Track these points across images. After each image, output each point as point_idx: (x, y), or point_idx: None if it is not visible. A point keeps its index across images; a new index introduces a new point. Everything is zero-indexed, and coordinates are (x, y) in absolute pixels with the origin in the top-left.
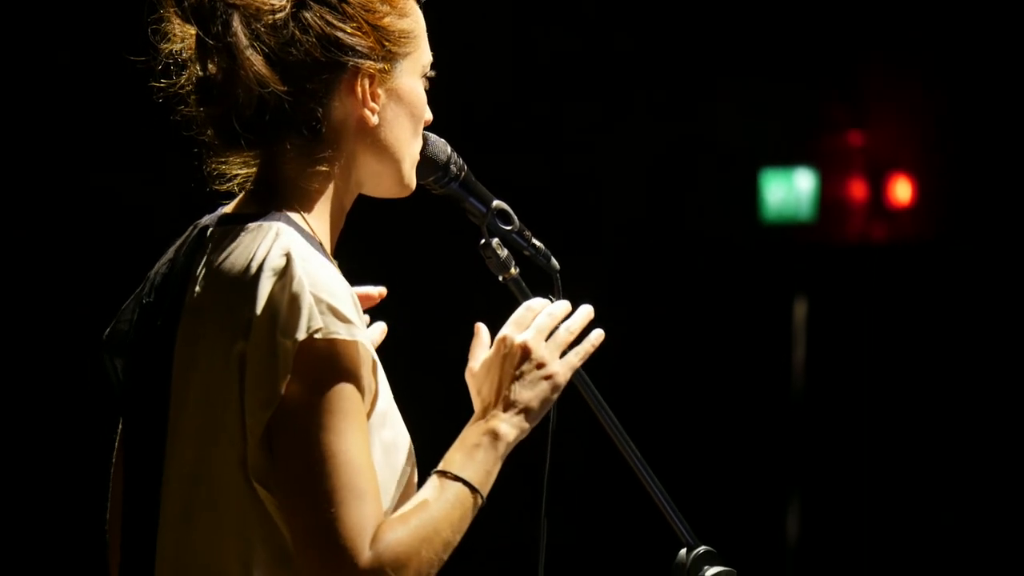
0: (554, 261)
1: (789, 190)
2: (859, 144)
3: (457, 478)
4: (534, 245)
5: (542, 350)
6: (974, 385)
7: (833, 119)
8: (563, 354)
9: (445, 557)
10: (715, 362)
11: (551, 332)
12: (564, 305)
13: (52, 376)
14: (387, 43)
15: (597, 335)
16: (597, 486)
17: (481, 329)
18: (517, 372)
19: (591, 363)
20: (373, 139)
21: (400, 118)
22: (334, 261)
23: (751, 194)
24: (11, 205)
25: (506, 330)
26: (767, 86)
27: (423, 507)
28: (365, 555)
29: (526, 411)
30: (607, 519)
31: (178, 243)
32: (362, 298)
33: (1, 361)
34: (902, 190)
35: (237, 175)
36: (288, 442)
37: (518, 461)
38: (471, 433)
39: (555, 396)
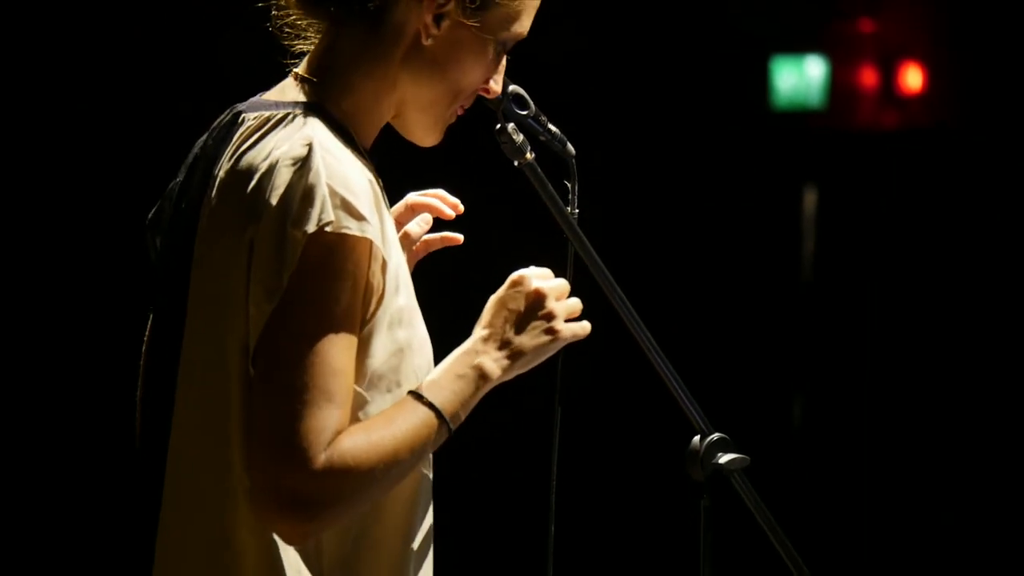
0: (570, 146)
1: (800, 77)
2: (870, 31)
3: (430, 404)
4: (550, 130)
5: (554, 303)
6: (985, 273)
7: (844, 6)
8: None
9: (394, 477)
10: (724, 251)
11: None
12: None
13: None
14: None
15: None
16: (612, 373)
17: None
18: (524, 314)
19: (603, 253)
20: (421, 61)
21: (451, 62)
22: (368, 159)
23: (761, 81)
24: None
25: (524, 272)
26: None
27: (389, 423)
28: (320, 456)
29: (519, 355)
30: (622, 406)
31: (213, 126)
32: (429, 207)
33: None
34: (913, 77)
35: (298, 44)
36: (275, 331)
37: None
38: (458, 362)
39: (550, 352)
